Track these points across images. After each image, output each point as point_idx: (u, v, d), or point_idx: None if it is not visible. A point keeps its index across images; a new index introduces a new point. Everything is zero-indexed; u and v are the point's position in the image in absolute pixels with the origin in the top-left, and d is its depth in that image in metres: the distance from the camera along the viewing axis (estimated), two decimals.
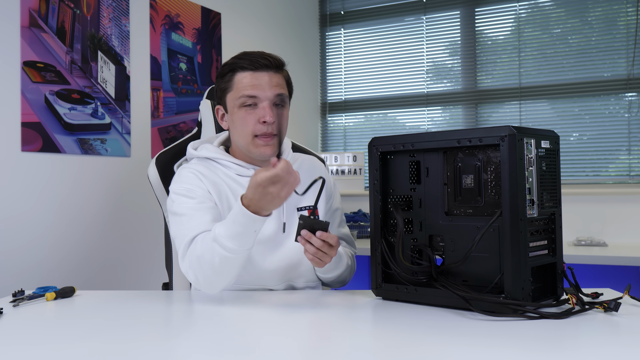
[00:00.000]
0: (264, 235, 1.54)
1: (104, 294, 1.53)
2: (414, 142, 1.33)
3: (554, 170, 1.29)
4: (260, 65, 1.54)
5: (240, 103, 1.54)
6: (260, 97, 1.53)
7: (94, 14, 2.50)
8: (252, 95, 1.53)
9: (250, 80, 1.53)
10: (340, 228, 1.75)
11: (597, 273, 2.60)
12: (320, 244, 1.34)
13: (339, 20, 4.05)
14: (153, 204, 2.66)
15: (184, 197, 1.52)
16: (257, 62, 1.54)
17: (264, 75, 1.54)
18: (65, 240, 2.37)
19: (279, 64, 1.58)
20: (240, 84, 1.54)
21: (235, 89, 1.55)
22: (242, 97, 1.53)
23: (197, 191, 1.53)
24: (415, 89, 3.82)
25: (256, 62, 1.54)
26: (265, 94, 1.53)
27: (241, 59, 1.56)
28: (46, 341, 1.06)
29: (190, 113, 2.96)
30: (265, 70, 1.54)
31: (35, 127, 2.26)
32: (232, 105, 1.57)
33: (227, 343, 1.04)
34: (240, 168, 1.60)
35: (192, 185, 1.54)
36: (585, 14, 3.38)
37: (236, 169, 1.60)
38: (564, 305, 1.24)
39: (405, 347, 0.99)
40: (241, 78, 1.54)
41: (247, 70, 1.54)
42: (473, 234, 1.25)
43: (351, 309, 1.31)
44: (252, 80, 1.53)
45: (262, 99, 1.53)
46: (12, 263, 2.19)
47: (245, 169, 1.60)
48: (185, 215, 1.49)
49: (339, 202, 1.77)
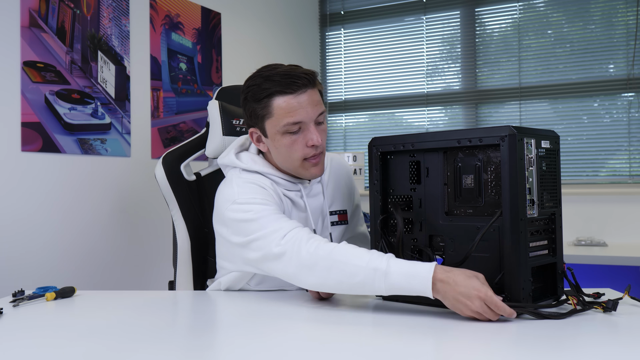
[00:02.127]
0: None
1: (104, 294, 1.53)
2: (414, 142, 1.33)
3: (554, 170, 1.29)
4: (299, 87, 1.43)
5: (285, 130, 1.44)
6: (304, 122, 1.44)
7: (94, 14, 2.50)
8: (298, 122, 1.43)
9: (292, 106, 1.42)
10: (360, 226, 1.74)
11: (597, 273, 2.59)
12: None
13: (339, 20, 4.05)
14: (153, 204, 2.66)
15: (254, 204, 1.40)
16: (295, 83, 1.42)
17: (303, 96, 1.43)
18: (65, 240, 2.37)
19: (314, 79, 1.47)
20: (280, 109, 1.43)
21: (277, 116, 1.44)
22: (286, 125, 1.43)
23: (270, 200, 1.43)
24: (415, 89, 3.82)
25: (294, 83, 1.42)
26: (309, 116, 1.44)
27: (276, 82, 1.43)
28: (46, 341, 1.06)
29: (190, 113, 2.96)
30: (303, 90, 1.44)
31: (35, 127, 2.26)
32: (274, 132, 1.46)
33: (226, 343, 1.04)
34: (289, 184, 1.54)
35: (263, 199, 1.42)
36: (585, 14, 3.38)
37: (285, 185, 1.53)
38: (564, 306, 1.24)
39: (406, 347, 0.99)
40: (281, 103, 1.43)
41: (286, 94, 1.43)
42: (473, 234, 1.25)
43: (351, 309, 1.31)
44: (294, 104, 1.42)
45: (307, 122, 1.44)
46: (12, 263, 2.19)
47: (294, 184, 1.54)
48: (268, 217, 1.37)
49: (359, 198, 1.78)
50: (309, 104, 1.44)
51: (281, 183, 1.53)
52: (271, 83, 1.44)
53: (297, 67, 1.48)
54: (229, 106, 1.90)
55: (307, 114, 1.43)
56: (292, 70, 1.45)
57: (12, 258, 2.19)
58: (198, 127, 2.97)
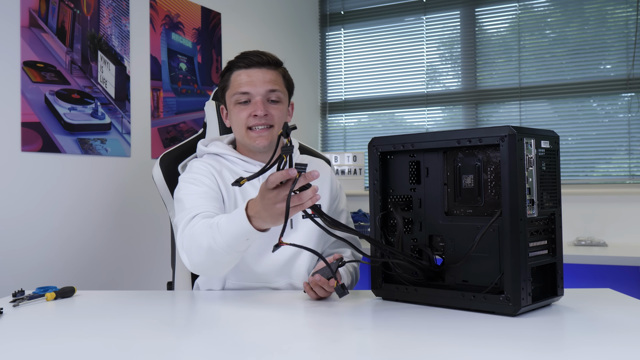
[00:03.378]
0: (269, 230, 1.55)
1: (104, 294, 1.53)
2: (414, 142, 1.33)
3: (554, 170, 1.29)
4: (253, 63, 1.60)
5: (235, 100, 1.60)
6: (252, 93, 1.59)
7: (94, 14, 2.50)
8: (245, 92, 1.59)
9: (244, 78, 1.60)
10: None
11: (597, 273, 2.60)
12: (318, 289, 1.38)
13: (339, 20, 4.05)
14: (153, 204, 2.66)
15: (191, 184, 1.55)
16: (251, 60, 1.60)
17: (257, 72, 1.60)
18: (65, 240, 2.37)
19: (273, 61, 1.63)
20: (235, 82, 1.61)
21: (231, 87, 1.62)
22: (236, 95, 1.60)
23: (205, 181, 1.56)
24: (415, 89, 3.82)
25: (249, 60, 1.60)
26: (257, 89, 1.58)
27: (238, 58, 1.63)
28: (46, 341, 1.06)
29: (190, 113, 2.96)
30: (258, 67, 1.60)
31: (35, 127, 2.26)
32: (230, 102, 1.63)
33: (226, 343, 1.04)
34: (246, 164, 1.63)
35: (201, 176, 1.57)
36: (585, 14, 3.38)
37: (243, 165, 1.63)
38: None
39: (405, 347, 0.99)
40: (236, 76, 1.61)
41: (242, 68, 1.61)
42: (473, 234, 1.25)
43: (351, 309, 1.31)
44: (245, 77, 1.59)
45: (255, 95, 1.59)
46: (12, 263, 2.19)
47: (251, 165, 1.62)
48: (190, 199, 1.51)
49: (345, 204, 1.78)
50: (259, 80, 1.59)
51: (239, 163, 1.63)
52: (233, 60, 1.64)
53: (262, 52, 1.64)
54: None
55: (254, 87, 1.58)
56: (252, 51, 1.63)
57: (12, 258, 2.19)
58: (198, 127, 2.97)
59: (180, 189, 1.57)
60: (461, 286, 1.28)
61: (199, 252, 1.38)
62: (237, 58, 1.63)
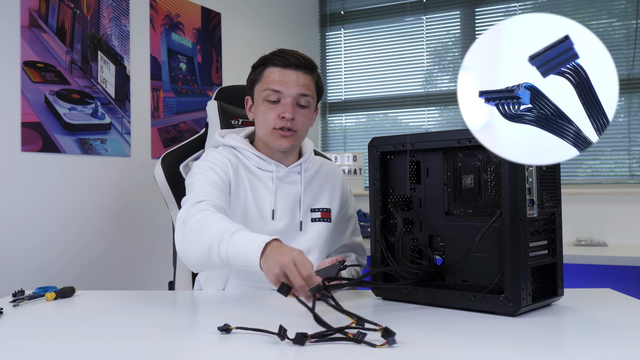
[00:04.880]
0: (276, 231, 1.56)
1: (104, 294, 1.53)
2: (413, 142, 1.33)
3: (554, 170, 1.29)
4: (290, 64, 1.57)
5: (265, 96, 1.57)
6: (284, 94, 1.56)
7: (94, 14, 2.50)
8: (277, 90, 1.56)
9: (277, 76, 1.56)
10: (354, 237, 1.75)
11: (597, 273, 2.60)
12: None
13: (339, 20, 4.05)
14: (153, 204, 2.66)
15: (206, 172, 1.53)
16: (288, 60, 1.57)
17: (292, 74, 1.56)
18: (65, 240, 2.37)
19: (310, 65, 1.60)
20: (268, 77, 1.58)
21: (263, 82, 1.59)
22: (267, 91, 1.56)
23: (220, 172, 1.54)
24: (415, 89, 3.82)
25: (286, 60, 1.57)
26: (289, 91, 1.56)
27: (275, 55, 1.59)
28: (46, 341, 1.06)
29: (190, 113, 2.96)
30: (294, 68, 1.57)
31: (35, 127, 2.26)
32: (258, 97, 1.60)
33: (226, 343, 1.04)
34: (261, 161, 1.61)
35: (216, 167, 1.55)
36: (585, 14, 3.38)
37: (257, 162, 1.61)
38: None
39: (405, 348, 0.99)
40: (270, 72, 1.58)
41: (277, 66, 1.57)
42: (473, 234, 1.25)
43: (351, 309, 1.31)
44: (279, 76, 1.56)
45: (286, 96, 1.56)
46: (12, 263, 2.19)
47: (266, 162, 1.61)
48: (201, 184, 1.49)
49: (354, 210, 1.78)
50: (293, 81, 1.56)
51: (254, 159, 1.61)
52: (269, 56, 1.60)
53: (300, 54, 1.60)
54: (228, 106, 1.90)
55: (287, 88, 1.55)
56: (290, 50, 1.60)
57: (12, 258, 2.19)
58: (198, 127, 2.97)
59: (193, 174, 1.55)
60: (461, 286, 1.28)
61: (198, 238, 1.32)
62: (273, 54, 1.60)
